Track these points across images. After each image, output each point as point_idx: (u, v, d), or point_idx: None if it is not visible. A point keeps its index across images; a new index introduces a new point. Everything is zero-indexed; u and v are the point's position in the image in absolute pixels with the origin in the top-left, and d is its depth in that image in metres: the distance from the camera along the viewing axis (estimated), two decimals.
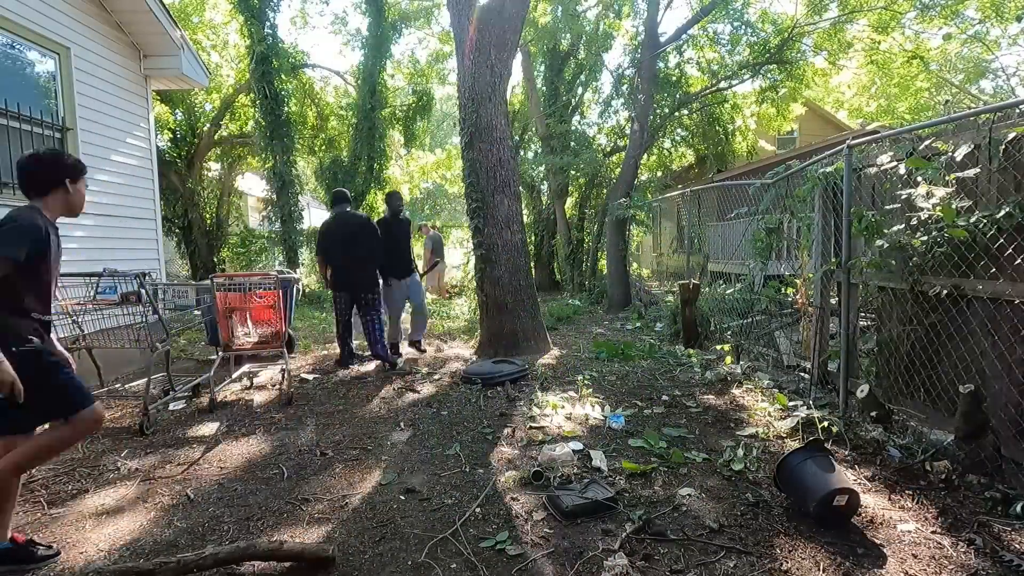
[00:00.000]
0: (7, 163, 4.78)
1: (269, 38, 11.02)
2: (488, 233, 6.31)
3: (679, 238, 10.86)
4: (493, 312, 6.39)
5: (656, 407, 4.39)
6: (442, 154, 17.26)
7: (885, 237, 3.53)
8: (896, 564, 2.33)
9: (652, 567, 2.34)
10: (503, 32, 6.22)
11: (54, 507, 2.94)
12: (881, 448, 3.39)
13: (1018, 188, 2.93)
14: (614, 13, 13.07)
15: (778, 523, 2.67)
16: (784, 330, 5.68)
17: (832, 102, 23.92)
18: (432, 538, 2.58)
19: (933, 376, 3.39)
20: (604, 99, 14.79)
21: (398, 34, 13.13)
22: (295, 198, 11.80)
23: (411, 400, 4.77)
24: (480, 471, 3.31)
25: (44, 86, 5.28)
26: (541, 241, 14.85)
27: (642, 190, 11.32)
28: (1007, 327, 2.98)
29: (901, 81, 18.82)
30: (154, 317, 4.37)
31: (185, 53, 6.64)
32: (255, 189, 16.80)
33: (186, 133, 13.55)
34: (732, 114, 14.11)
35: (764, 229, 5.38)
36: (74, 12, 5.51)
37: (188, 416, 4.44)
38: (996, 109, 3.07)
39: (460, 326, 8.51)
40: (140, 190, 6.45)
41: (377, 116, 12.61)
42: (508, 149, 6.37)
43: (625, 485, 3.05)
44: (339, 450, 3.67)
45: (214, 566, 2.29)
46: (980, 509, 2.73)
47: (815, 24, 12.32)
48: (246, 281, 4.97)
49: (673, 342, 6.88)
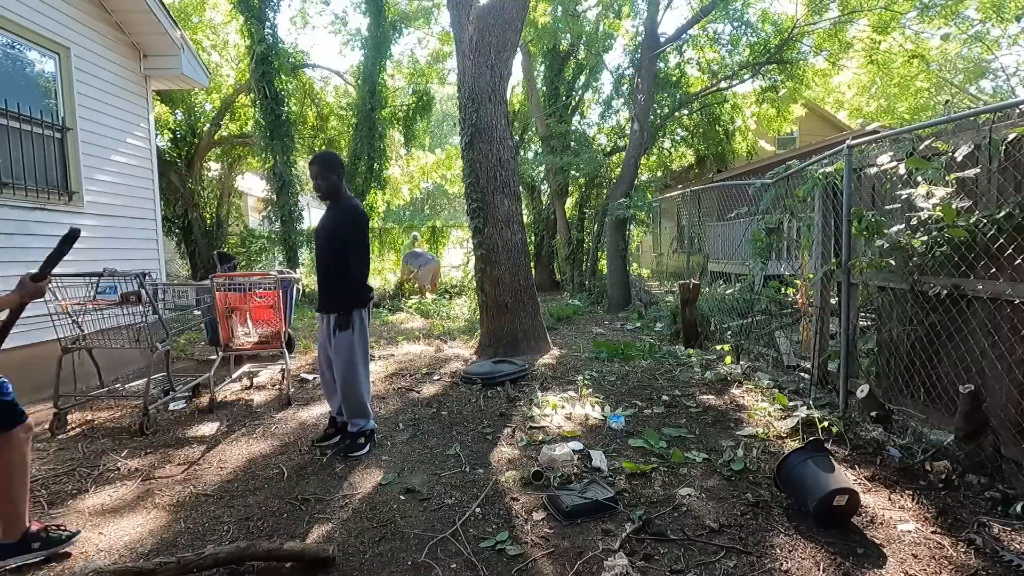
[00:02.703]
0: (7, 163, 4.78)
1: (269, 38, 11.02)
2: (488, 233, 6.31)
3: (679, 238, 10.87)
4: (493, 312, 6.39)
5: (656, 407, 4.39)
6: (442, 154, 17.26)
7: (885, 237, 3.53)
8: (896, 564, 2.33)
9: (652, 567, 2.34)
10: (503, 32, 6.23)
11: (54, 507, 2.94)
12: (881, 448, 3.39)
13: (1018, 188, 2.93)
14: (614, 13, 13.07)
15: (778, 523, 2.67)
16: (784, 330, 5.68)
17: (832, 102, 23.92)
18: (432, 538, 2.58)
19: (933, 376, 3.39)
20: (604, 99, 14.82)
21: (398, 34, 13.13)
22: (295, 198, 11.80)
23: (411, 400, 4.76)
24: (480, 471, 3.31)
25: (44, 86, 5.28)
26: (541, 241, 14.85)
27: (642, 190, 11.31)
28: (1007, 327, 2.98)
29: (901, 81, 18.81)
30: (154, 317, 4.38)
31: (185, 53, 6.64)
32: (255, 189, 16.80)
33: (186, 133, 13.55)
34: (732, 114, 14.13)
35: (764, 229, 5.38)
36: (74, 12, 5.51)
37: (188, 416, 4.44)
38: (996, 109, 3.07)
39: (460, 326, 8.51)
40: (140, 190, 6.45)
41: (377, 116, 12.61)
42: (508, 149, 6.37)
43: (625, 485, 3.05)
44: (339, 450, 3.67)
45: (214, 566, 2.29)
46: (980, 509, 2.73)
47: (815, 24, 12.32)
48: (246, 281, 4.97)
49: (673, 342, 6.88)
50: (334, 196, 3.60)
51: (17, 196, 4.79)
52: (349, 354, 3.52)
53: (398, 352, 6.72)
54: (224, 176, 14.90)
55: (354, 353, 3.54)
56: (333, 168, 3.57)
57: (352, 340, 3.53)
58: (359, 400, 3.60)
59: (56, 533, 2.49)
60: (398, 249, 15.03)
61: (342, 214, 3.57)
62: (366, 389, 3.66)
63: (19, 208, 4.81)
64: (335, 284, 3.56)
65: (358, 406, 3.60)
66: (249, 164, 14.96)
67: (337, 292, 3.54)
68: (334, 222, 3.59)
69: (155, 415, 4.25)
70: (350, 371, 3.54)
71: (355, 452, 3.56)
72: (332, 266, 3.56)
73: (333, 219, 3.61)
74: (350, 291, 3.53)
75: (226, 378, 5.16)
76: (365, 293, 3.61)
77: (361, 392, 3.60)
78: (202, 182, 13.88)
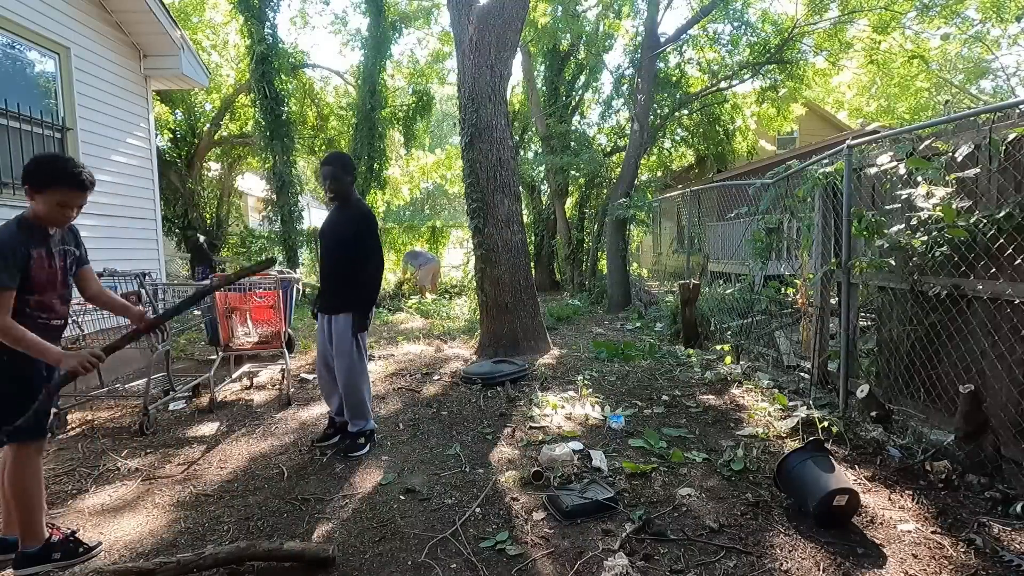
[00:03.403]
0: (7, 163, 4.78)
1: (269, 38, 11.02)
2: (488, 233, 6.31)
3: (679, 238, 10.86)
4: (493, 312, 6.39)
5: (656, 407, 4.39)
6: (442, 154, 17.26)
7: (885, 237, 3.53)
8: (896, 564, 2.33)
9: (652, 567, 2.34)
10: (503, 32, 6.23)
11: (54, 507, 2.94)
12: (881, 448, 3.39)
13: (1018, 188, 2.93)
14: (614, 13, 13.07)
15: (778, 523, 2.67)
16: (784, 330, 5.69)
17: (832, 102, 23.92)
18: (432, 538, 2.58)
19: (933, 376, 3.39)
20: (604, 99, 14.82)
21: (398, 34, 13.13)
22: (295, 198, 11.80)
23: (411, 400, 4.76)
24: (480, 471, 3.31)
25: (44, 86, 5.28)
26: (541, 241, 14.85)
27: (642, 190, 11.32)
28: (1007, 327, 2.98)
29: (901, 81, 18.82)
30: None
31: (185, 53, 6.64)
32: (255, 189, 16.81)
33: (186, 133, 13.56)
34: (732, 114, 14.13)
35: (764, 229, 5.38)
36: (74, 12, 5.51)
37: (188, 416, 4.44)
38: (996, 109, 3.08)
39: (460, 326, 8.51)
40: (140, 190, 6.45)
41: (377, 116, 12.61)
42: (508, 149, 6.37)
43: (625, 485, 3.05)
44: (339, 450, 3.67)
45: (214, 566, 2.29)
46: (980, 509, 2.73)
47: (815, 24, 12.32)
48: (246, 281, 4.97)
49: (673, 342, 6.88)
50: (344, 198, 3.61)
51: (17, 196, 4.79)
52: (352, 354, 3.54)
53: (398, 352, 6.72)
54: (224, 176, 14.91)
55: (357, 353, 3.56)
56: (348, 171, 3.60)
57: (357, 340, 3.55)
58: (360, 400, 3.60)
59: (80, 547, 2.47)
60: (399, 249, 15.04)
61: (356, 218, 3.56)
62: (367, 389, 3.67)
63: (19, 208, 4.79)
64: (347, 286, 3.54)
65: (359, 406, 3.61)
66: (249, 164, 14.96)
67: (352, 294, 3.53)
68: (346, 225, 3.56)
69: (155, 415, 4.25)
70: (353, 371, 3.55)
71: (355, 452, 3.56)
72: (346, 268, 3.54)
73: (345, 222, 3.58)
74: (367, 293, 3.56)
75: (226, 378, 5.16)
76: (376, 295, 3.64)
77: (363, 392, 3.61)
78: (202, 182, 13.89)
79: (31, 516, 2.35)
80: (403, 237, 15.61)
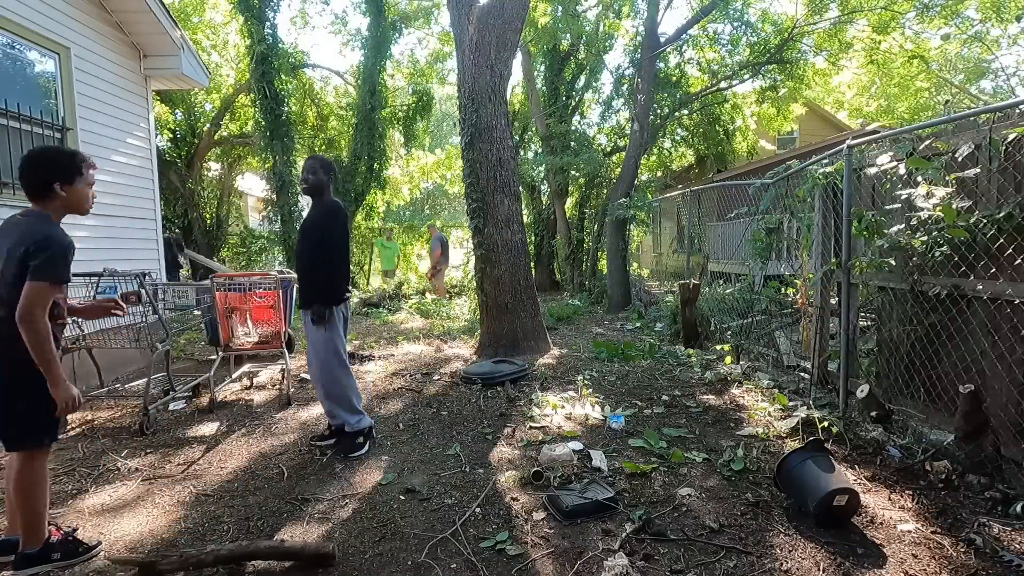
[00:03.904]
0: (7, 163, 4.78)
1: (269, 38, 11.03)
2: (488, 233, 6.31)
3: (679, 238, 10.86)
4: (493, 312, 6.39)
5: (656, 407, 4.39)
6: (442, 154, 17.26)
7: (885, 237, 3.53)
8: (896, 564, 2.33)
9: (652, 567, 2.34)
10: (503, 32, 6.22)
11: (54, 507, 2.93)
12: (881, 448, 3.39)
13: (1018, 188, 2.93)
14: (614, 13, 13.08)
15: (778, 523, 2.67)
16: (784, 330, 5.69)
17: (832, 102, 23.92)
18: (432, 538, 2.58)
19: (933, 376, 3.39)
20: (604, 99, 14.81)
21: (398, 34, 13.14)
22: (295, 198, 11.80)
23: (411, 400, 4.76)
24: (480, 471, 3.31)
25: (44, 86, 5.28)
26: (541, 241, 14.86)
27: (642, 190, 11.32)
28: (1007, 327, 2.98)
29: (901, 81, 18.82)
30: (154, 317, 4.38)
31: (185, 53, 6.63)
32: (255, 189, 16.81)
33: (186, 133, 13.57)
34: (732, 114, 14.13)
35: (764, 229, 5.38)
36: (74, 12, 5.51)
37: (188, 416, 4.44)
38: (996, 109, 3.07)
39: (460, 326, 8.51)
40: (140, 190, 6.45)
41: (377, 116, 12.62)
42: (508, 149, 6.37)
43: (625, 485, 3.05)
44: (338, 451, 3.66)
45: (215, 564, 2.29)
46: (980, 509, 2.73)
47: (815, 24, 12.33)
48: (246, 281, 4.98)
49: (673, 342, 6.88)
50: (318, 193, 3.62)
51: (17, 196, 4.79)
52: (326, 351, 3.51)
53: (398, 352, 6.72)
54: (224, 176, 14.91)
55: (331, 350, 3.52)
56: (327, 169, 3.65)
57: (329, 336, 3.51)
58: (342, 392, 3.57)
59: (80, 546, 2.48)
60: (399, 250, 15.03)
61: (323, 213, 3.60)
62: (349, 383, 3.62)
63: (18, 208, 4.79)
64: (316, 277, 3.52)
65: (341, 397, 3.57)
66: (249, 164, 14.96)
67: (317, 285, 3.51)
68: (316, 220, 3.61)
69: (155, 415, 4.25)
70: (326, 365, 3.53)
71: (354, 452, 3.56)
72: (312, 261, 3.52)
73: (316, 217, 3.63)
74: (327, 283, 3.51)
75: (226, 378, 5.16)
76: (343, 289, 3.59)
77: (342, 383, 3.57)
78: (202, 182, 13.89)
79: (36, 519, 2.36)
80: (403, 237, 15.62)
